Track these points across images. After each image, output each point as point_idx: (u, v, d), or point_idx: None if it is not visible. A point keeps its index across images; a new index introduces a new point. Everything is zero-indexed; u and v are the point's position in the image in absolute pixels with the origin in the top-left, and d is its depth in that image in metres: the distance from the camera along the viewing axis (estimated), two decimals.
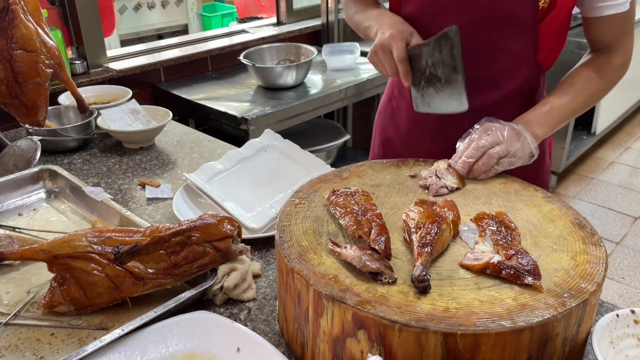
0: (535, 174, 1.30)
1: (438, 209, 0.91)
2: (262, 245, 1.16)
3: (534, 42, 1.17)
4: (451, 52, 1.06)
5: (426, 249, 0.80)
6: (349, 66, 2.68)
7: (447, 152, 1.11)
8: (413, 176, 1.08)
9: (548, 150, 1.39)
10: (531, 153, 1.10)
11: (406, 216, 0.90)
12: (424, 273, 0.75)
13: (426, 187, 1.03)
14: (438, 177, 1.04)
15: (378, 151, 1.48)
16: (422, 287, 0.75)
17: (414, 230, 0.85)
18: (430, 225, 0.84)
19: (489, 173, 1.06)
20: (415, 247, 0.82)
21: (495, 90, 1.23)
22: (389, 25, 1.14)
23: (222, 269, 0.99)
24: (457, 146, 1.10)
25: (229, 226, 0.98)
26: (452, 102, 1.11)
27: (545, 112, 1.14)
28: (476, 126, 1.11)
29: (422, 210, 0.89)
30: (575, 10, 1.18)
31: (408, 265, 0.81)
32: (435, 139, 1.31)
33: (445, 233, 0.85)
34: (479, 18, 1.15)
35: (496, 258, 0.79)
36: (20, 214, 1.29)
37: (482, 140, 1.06)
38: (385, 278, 0.77)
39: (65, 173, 1.35)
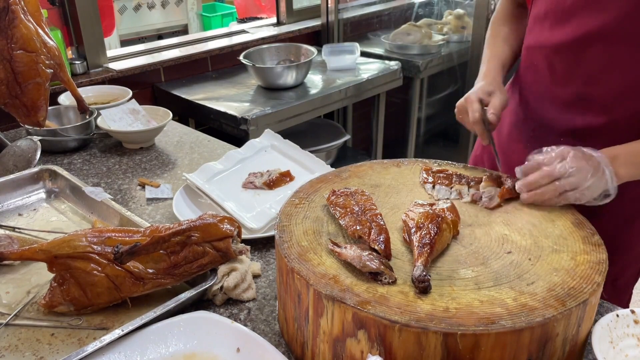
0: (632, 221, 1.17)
1: (438, 209, 0.91)
2: (262, 245, 1.16)
3: None
4: None
5: (426, 249, 0.80)
6: (349, 66, 2.68)
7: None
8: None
9: None
10: (607, 192, 0.96)
11: (406, 216, 0.90)
12: (424, 273, 0.75)
13: (474, 202, 1.00)
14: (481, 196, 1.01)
15: (480, 149, 1.41)
16: (422, 287, 0.75)
17: (414, 230, 0.85)
18: (430, 226, 0.84)
19: (548, 202, 0.97)
20: (415, 247, 0.82)
21: (598, 114, 1.08)
22: (474, 88, 1.16)
23: (222, 269, 0.99)
24: (527, 159, 1.01)
25: (228, 226, 0.98)
26: None
27: (634, 150, 0.99)
28: (549, 149, 0.99)
29: (422, 210, 0.89)
30: None
31: (408, 265, 0.81)
32: (529, 146, 1.14)
33: (445, 233, 0.85)
34: (592, 28, 1.03)
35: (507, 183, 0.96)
36: (20, 214, 1.29)
37: (553, 167, 0.95)
38: (385, 278, 0.77)
39: (65, 173, 1.35)
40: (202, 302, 0.99)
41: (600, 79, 1.06)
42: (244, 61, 2.43)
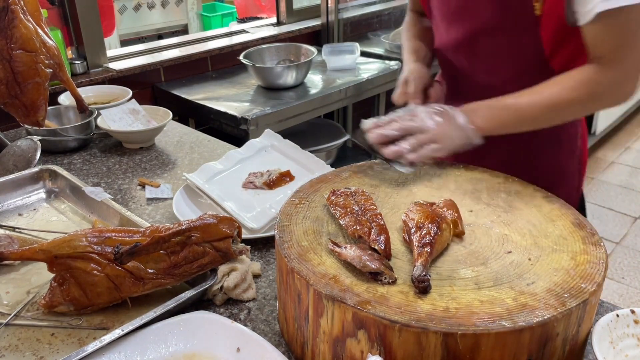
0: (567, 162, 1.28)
1: (438, 209, 0.91)
2: (262, 245, 1.16)
3: (537, 48, 1.11)
4: None
5: (426, 249, 0.80)
6: (349, 66, 2.68)
7: (479, 151, 1.10)
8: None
9: (579, 134, 1.28)
10: (469, 139, 1.04)
11: (406, 216, 0.90)
12: (424, 273, 0.75)
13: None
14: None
15: None
16: (422, 287, 0.75)
17: (414, 230, 0.85)
18: (430, 225, 0.84)
19: (412, 158, 1.02)
20: (415, 247, 0.82)
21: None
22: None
23: (222, 269, 0.99)
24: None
25: (229, 226, 0.98)
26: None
27: (494, 105, 1.07)
28: (401, 111, 1.07)
29: (422, 210, 0.89)
30: None
31: (408, 265, 0.81)
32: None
33: (445, 233, 0.85)
34: (479, 27, 1.15)
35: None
36: (20, 214, 1.29)
37: (405, 122, 1.04)
38: (385, 278, 0.77)
39: (65, 173, 1.35)
40: (202, 302, 0.99)
41: (495, 69, 1.19)
42: (244, 61, 2.43)
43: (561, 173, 1.29)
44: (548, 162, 1.27)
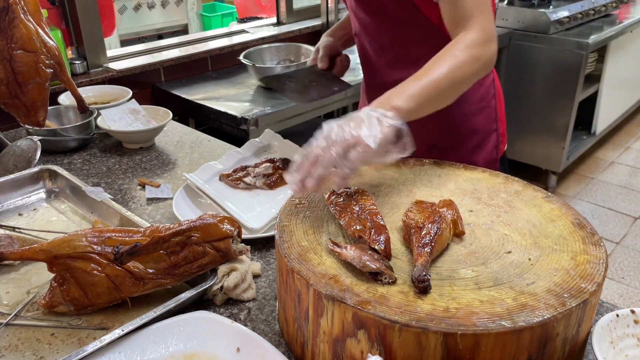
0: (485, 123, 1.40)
1: (438, 209, 0.91)
2: (262, 245, 1.16)
3: (426, 22, 1.25)
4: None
5: (426, 249, 0.80)
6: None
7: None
8: None
9: (491, 94, 1.42)
10: (398, 132, 0.93)
11: (406, 216, 0.89)
12: (424, 273, 0.75)
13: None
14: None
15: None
16: (422, 287, 0.75)
17: (413, 230, 0.85)
18: (430, 225, 0.84)
19: (338, 181, 0.90)
20: (415, 247, 0.82)
21: (408, 66, 1.19)
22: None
23: (222, 269, 0.99)
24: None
25: (228, 226, 0.98)
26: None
27: (404, 85, 1.02)
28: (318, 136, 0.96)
29: (422, 210, 0.89)
30: None
31: (408, 265, 0.81)
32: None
33: (445, 233, 0.85)
34: (376, 11, 1.28)
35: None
36: (20, 214, 1.29)
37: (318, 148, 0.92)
38: (385, 278, 0.77)
39: (65, 173, 1.35)
40: (202, 302, 0.99)
41: (400, 44, 1.33)
42: (244, 61, 2.43)
43: (478, 133, 1.41)
44: (464, 126, 1.40)
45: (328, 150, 0.90)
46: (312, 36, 3.12)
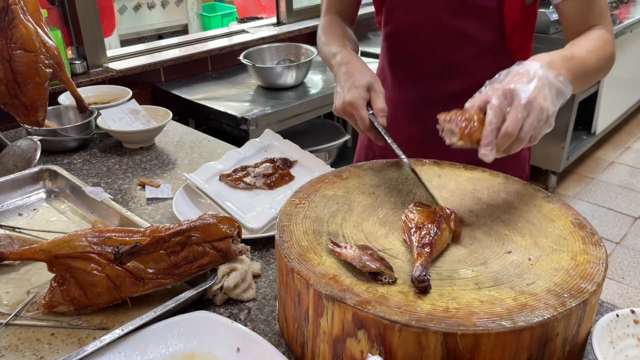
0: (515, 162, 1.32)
1: (438, 209, 0.91)
2: (262, 245, 1.16)
3: (500, 28, 1.19)
4: None
5: (426, 249, 0.80)
6: None
7: (424, 137, 1.11)
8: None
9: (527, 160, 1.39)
10: (563, 96, 0.92)
11: (406, 216, 0.90)
12: (424, 273, 0.75)
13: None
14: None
15: (364, 137, 1.50)
16: (422, 287, 0.75)
17: (413, 230, 0.85)
18: (430, 226, 0.84)
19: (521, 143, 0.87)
20: (415, 247, 0.82)
21: (463, 78, 1.24)
22: (348, 86, 1.11)
23: (222, 269, 0.99)
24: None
25: (229, 226, 0.98)
26: None
27: (568, 57, 0.98)
28: (495, 84, 0.91)
29: (422, 210, 0.89)
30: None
31: (408, 265, 0.81)
32: (411, 125, 1.34)
33: (445, 233, 0.85)
34: (441, 5, 1.20)
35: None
36: (20, 214, 1.29)
37: (508, 124, 0.85)
38: (385, 278, 0.77)
39: (65, 173, 1.35)
40: (202, 302, 0.99)
41: (458, 47, 1.23)
42: (244, 61, 2.43)
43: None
44: None
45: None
46: (312, 36, 3.12)
